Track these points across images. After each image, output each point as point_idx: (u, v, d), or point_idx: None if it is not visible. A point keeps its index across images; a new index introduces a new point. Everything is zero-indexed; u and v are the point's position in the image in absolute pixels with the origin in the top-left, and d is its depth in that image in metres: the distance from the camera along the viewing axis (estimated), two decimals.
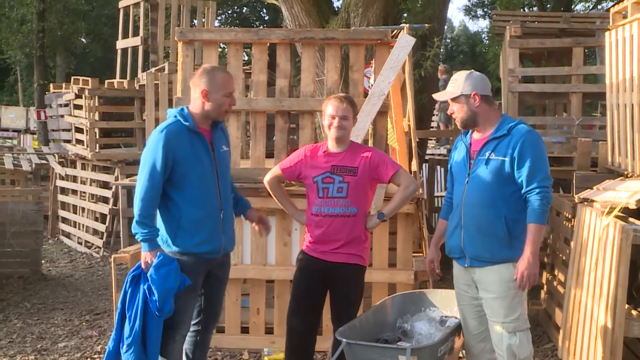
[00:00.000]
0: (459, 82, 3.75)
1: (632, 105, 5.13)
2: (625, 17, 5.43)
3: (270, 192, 4.43)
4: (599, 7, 21.91)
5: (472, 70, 3.86)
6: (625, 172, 5.26)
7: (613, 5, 6.04)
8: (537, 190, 3.54)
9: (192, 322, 4.02)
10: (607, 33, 5.83)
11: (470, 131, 3.83)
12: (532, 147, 3.57)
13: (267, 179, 4.37)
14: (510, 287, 3.61)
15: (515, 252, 3.58)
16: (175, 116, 3.78)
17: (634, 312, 4.41)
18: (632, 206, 4.34)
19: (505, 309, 3.63)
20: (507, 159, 3.59)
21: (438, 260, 4.06)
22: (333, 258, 4.10)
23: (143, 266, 3.77)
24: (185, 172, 3.71)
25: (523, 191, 3.58)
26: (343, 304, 4.15)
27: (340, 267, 4.11)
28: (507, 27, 8.40)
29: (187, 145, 3.72)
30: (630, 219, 4.41)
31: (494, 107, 3.78)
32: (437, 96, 3.97)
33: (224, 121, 4.07)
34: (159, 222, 3.81)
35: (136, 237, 3.72)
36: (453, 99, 3.77)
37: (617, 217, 4.31)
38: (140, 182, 3.70)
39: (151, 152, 3.69)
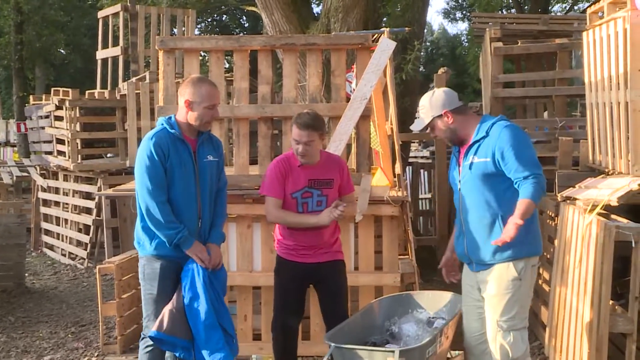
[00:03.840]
0: (427, 108, 3.78)
1: (611, 103, 5.19)
2: (602, 17, 5.50)
3: (282, 223, 4.24)
4: (576, 7, 22.18)
5: (433, 89, 3.90)
6: (606, 170, 5.31)
7: (589, 6, 6.11)
8: (531, 176, 3.48)
9: None
10: (584, 33, 5.89)
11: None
12: (513, 140, 3.55)
13: (271, 216, 4.23)
14: (508, 286, 3.63)
15: (516, 250, 3.60)
16: (162, 124, 3.89)
17: (618, 308, 4.45)
18: (614, 203, 4.39)
19: (501, 307, 3.65)
20: (489, 160, 3.60)
21: (452, 264, 4.04)
22: (316, 259, 4.20)
23: (200, 263, 3.82)
24: (170, 177, 3.80)
25: (515, 182, 3.53)
26: (337, 298, 4.26)
27: (325, 265, 4.21)
28: (487, 30, 8.47)
29: (173, 152, 3.81)
30: (613, 216, 4.47)
31: (470, 114, 3.80)
32: (413, 127, 3.95)
33: (211, 130, 4.11)
34: (137, 225, 3.90)
35: (171, 241, 3.76)
36: (429, 125, 3.79)
37: (599, 214, 4.36)
38: (144, 190, 3.74)
39: (146, 159, 3.77)
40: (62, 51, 25.81)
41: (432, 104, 3.75)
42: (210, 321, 3.84)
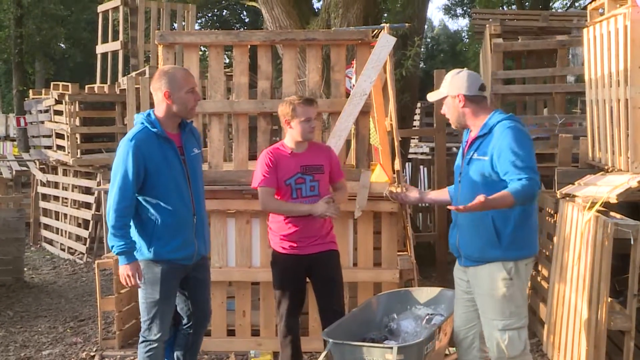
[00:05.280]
0: (447, 83, 3.73)
1: (611, 100, 5.18)
2: (602, 14, 5.49)
3: (278, 211, 4.33)
4: (576, 4, 22.15)
5: (463, 69, 3.84)
6: (606, 167, 5.31)
7: (590, 2, 6.09)
8: (525, 179, 3.39)
9: (185, 326, 4.06)
10: (585, 30, 5.88)
11: (469, 129, 3.79)
12: (513, 142, 3.47)
13: (266, 206, 4.31)
14: (499, 286, 3.59)
15: (505, 252, 3.56)
16: (142, 122, 3.74)
17: (616, 305, 4.45)
18: (613, 200, 4.38)
19: (494, 307, 3.63)
20: (487, 159, 3.55)
21: (405, 193, 4.21)
22: (312, 250, 4.26)
23: (122, 281, 3.74)
24: (157, 179, 3.69)
25: (509, 183, 3.44)
26: (331, 289, 4.33)
27: (320, 256, 4.29)
28: (487, 26, 8.46)
29: (157, 151, 3.70)
30: (612, 213, 4.47)
31: (483, 106, 3.71)
32: (429, 97, 3.95)
33: (192, 122, 4.06)
34: (132, 230, 3.77)
35: (112, 250, 3.68)
36: (442, 100, 3.76)
37: (598, 211, 4.36)
38: (112, 192, 3.66)
39: (122, 162, 3.65)
40: (62, 45, 25.75)
41: (452, 82, 3.70)
42: None
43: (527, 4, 20.28)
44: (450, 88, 3.71)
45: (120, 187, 3.64)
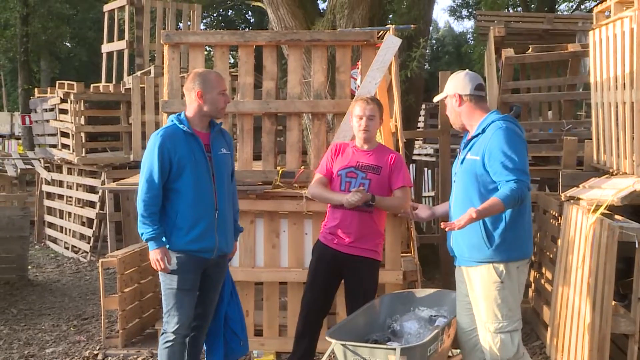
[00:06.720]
0: (448, 84, 3.82)
1: (617, 103, 5.17)
2: (608, 16, 5.48)
3: (315, 197, 4.48)
4: (582, 6, 22.10)
5: (465, 70, 3.88)
6: (611, 170, 5.30)
7: (596, 5, 6.08)
8: (513, 181, 3.45)
9: None
10: (590, 32, 5.87)
11: (468, 132, 3.84)
12: (503, 144, 3.50)
13: (309, 190, 4.48)
14: (490, 289, 3.61)
15: (495, 253, 3.58)
16: (172, 120, 3.98)
17: (620, 309, 4.44)
18: (618, 203, 4.37)
19: (486, 310, 3.64)
20: (478, 159, 3.58)
21: (422, 208, 4.21)
22: (347, 250, 4.29)
23: (153, 265, 3.90)
24: (181, 172, 3.88)
25: (498, 184, 3.50)
26: (354, 296, 4.33)
27: (353, 261, 4.28)
28: (491, 28, 8.45)
29: (183, 146, 3.88)
30: (616, 216, 4.46)
31: (480, 106, 3.73)
32: (435, 98, 4.07)
33: (222, 124, 4.22)
34: None
35: (142, 237, 3.89)
36: (444, 100, 3.84)
37: (603, 214, 4.34)
38: (141, 183, 3.90)
39: (149, 155, 3.89)
40: (68, 44, 25.84)
41: (451, 82, 3.79)
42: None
43: (532, 6, 20.24)
44: (448, 88, 3.78)
45: (147, 179, 3.86)
